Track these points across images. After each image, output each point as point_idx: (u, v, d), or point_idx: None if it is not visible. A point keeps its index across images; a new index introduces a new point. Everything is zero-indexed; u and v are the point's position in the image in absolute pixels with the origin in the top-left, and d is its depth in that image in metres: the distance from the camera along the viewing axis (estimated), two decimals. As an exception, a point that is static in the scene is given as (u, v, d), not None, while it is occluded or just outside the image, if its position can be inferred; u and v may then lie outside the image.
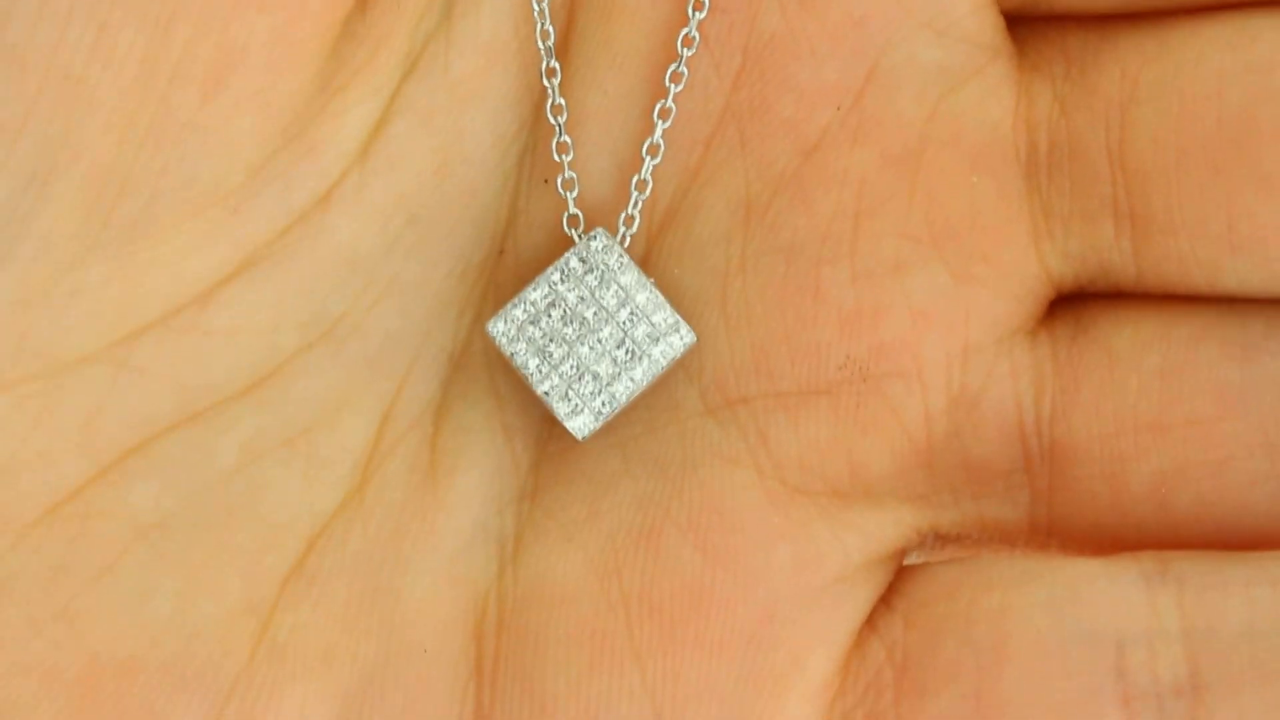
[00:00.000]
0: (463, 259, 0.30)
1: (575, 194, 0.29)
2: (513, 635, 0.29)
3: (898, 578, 0.29)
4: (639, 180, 0.29)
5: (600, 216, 0.30)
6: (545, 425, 0.30)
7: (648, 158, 0.29)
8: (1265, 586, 0.27)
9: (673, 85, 0.29)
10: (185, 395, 0.28)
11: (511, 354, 0.29)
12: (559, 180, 0.29)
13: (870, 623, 0.29)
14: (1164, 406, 0.28)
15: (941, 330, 0.29)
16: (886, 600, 0.29)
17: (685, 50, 0.29)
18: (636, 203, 0.29)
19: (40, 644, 0.27)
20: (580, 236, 0.29)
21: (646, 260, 0.30)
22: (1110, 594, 0.27)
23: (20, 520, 0.27)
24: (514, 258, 0.30)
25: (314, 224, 0.28)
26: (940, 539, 0.30)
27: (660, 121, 0.29)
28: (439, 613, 0.29)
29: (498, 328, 0.29)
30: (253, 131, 0.27)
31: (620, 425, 0.30)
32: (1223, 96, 0.27)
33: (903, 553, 0.29)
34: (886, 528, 0.29)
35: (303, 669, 0.28)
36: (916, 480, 0.29)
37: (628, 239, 0.29)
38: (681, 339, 0.29)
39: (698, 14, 0.29)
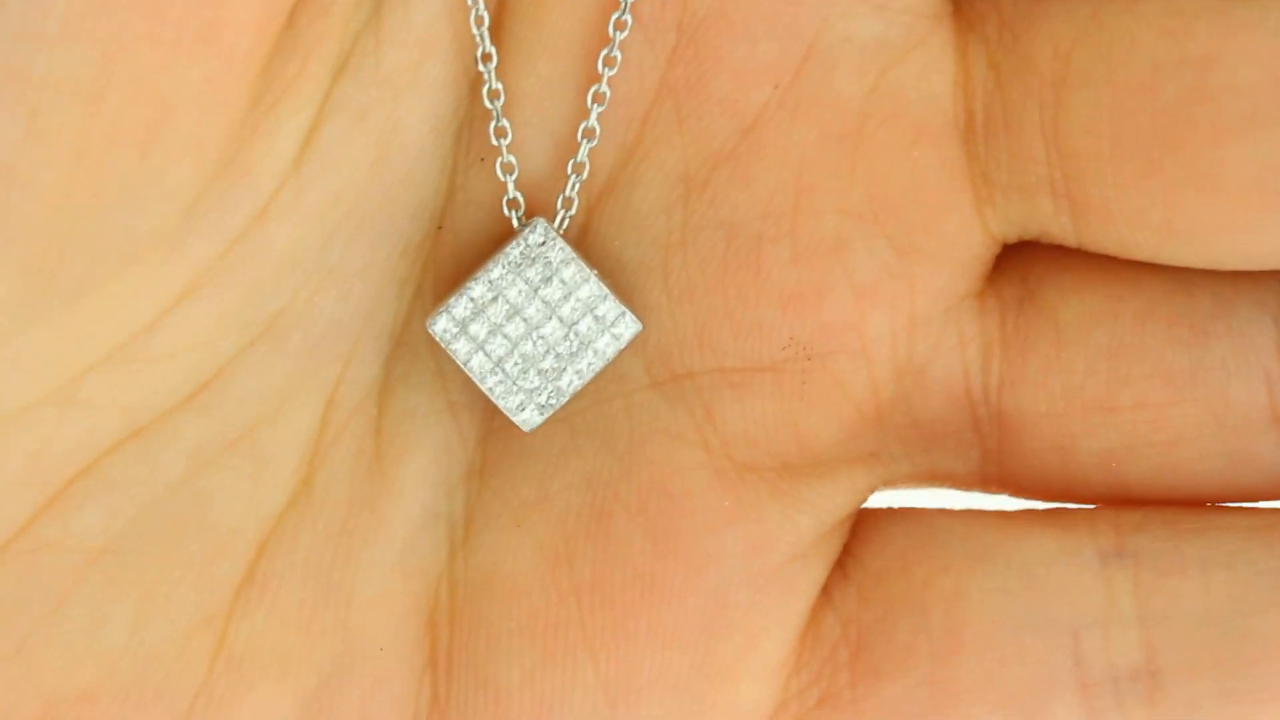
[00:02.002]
0: (402, 239, 0.29)
1: (514, 177, 0.29)
2: (465, 626, 0.29)
3: (853, 538, 0.30)
4: (575, 164, 0.29)
5: (539, 198, 0.29)
6: (490, 401, 0.30)
7: (584, 141, 0.29)
8: (1220, 569, 0.27)
9: (606, 69, 0.28)
10: (129, 416, 0.28)
11: (453, 351, 0.29)
12: (498, 164, 0.29)
13: (825, 593, 0.29)
14: (1111, 389, 0.28)
15: (886, 307, 0.29)
16: (842, 566, 0.29)
17: (618, 34, 0.28)
18: (574, 186, 0.29)
19: None
20: (519, 221, 0.29)
21: (586, 231, 0.29)
22: (1066, 577, 0.28)
23: None
24: (452, 235, 0.29)
25: (253, 240, 0.28)
26: (892, 483, 0.30)
27: (595, 105, 0.28)
28: (392, 607, 0.29)
29: (438, 325, 0.29)
30: (188, 176, 0.26)
31: (567, 401, 0.29)
32: (1157, 91, 0.27)
33: (856, 513, 0.30)
34: (838, 496, 0.29)
35: (260, 677, 0.28)
36: (865, 440, 0.29)
37: (566, 221, 0.29)
38: (627, 328, 0.29)
39: None
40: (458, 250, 0.29)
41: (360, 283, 0.29)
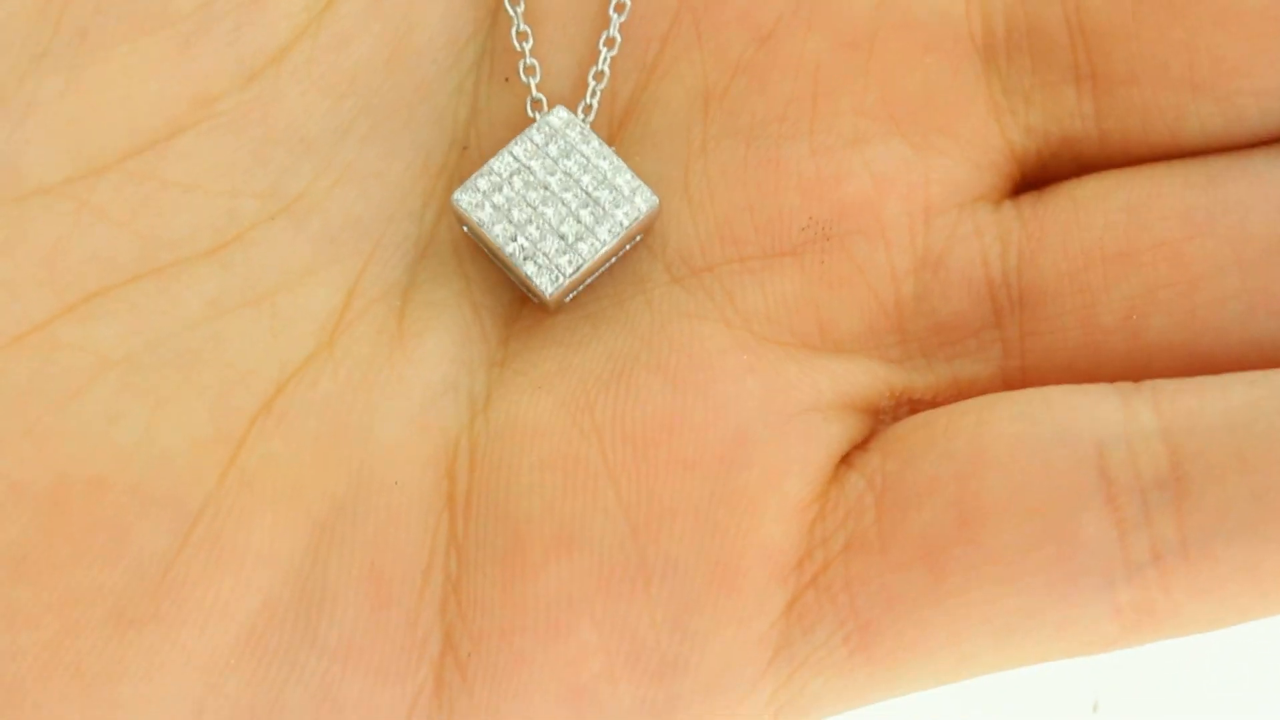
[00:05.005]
0: (422, 151, 0.30)
1: (537, 80, 0.31)
2: (485, 468, 0.28)
3: (873, 434, 0.29)
4: (596, 71, 0.31)
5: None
6: (514, 306, 0.30)
7: (604, 50, 0.31)
8: (1240, 386, 0.27)
9: None
10: (147, 246, 0.29)
11: (478, 220, 0.30)
12: (520, 66, 0.31)
13: (847, 461, 0.29)
14: (1131, 235, 0.28)
15: (903, 192, 0.29)
16: (863, 446, 0.29)
17: None
18: (594, 92, 0.31)
19: (7, 459, 0.27)
20: (542, 115, 0.30)
21: None
22: (1085, 402, 0.28)
23: None
24: (478, 153, 0.31)
25: (265, 89, 0.29)
26: (914, 403, 0.30)
27: (616, 15, 0.31)
28: (409, 452, 0.28)
29: (463, 197, 0.30)
30: None
31: (588, 300, 0.30)
32: None
33: (876, 410, 0.29)
34: (857, 374, 0.29)
35: (272, 497, 0.28)
36: (888, 344, 0.29)
37: (587, 125, 0.31)
38: (646, 201, 0.30)
39: None
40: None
41: (380, 186, 0.30)
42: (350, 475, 0.28)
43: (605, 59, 0.31)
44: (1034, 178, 0.30)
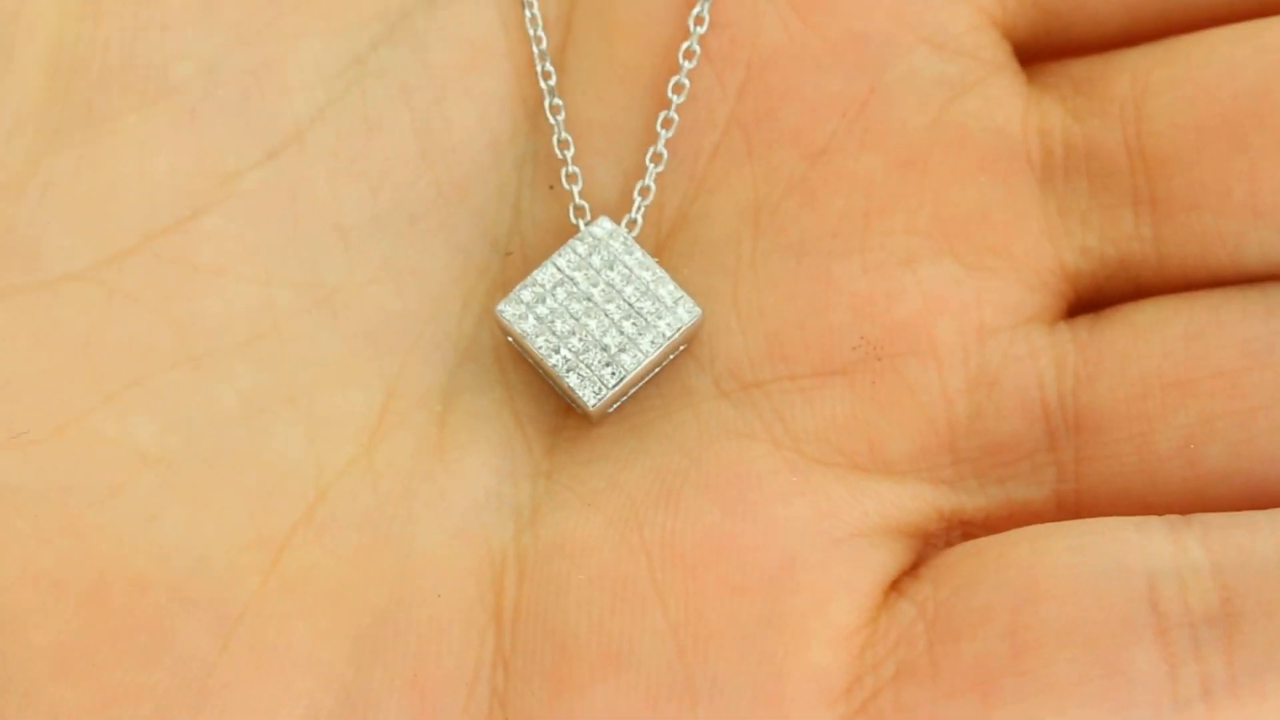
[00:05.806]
0: (461, 252, 0.30)
1: (579, 187, 0.30)
2: (534, 583, 0.28)
3: (922, 559, 0.29)
4: (642, 186, 0.30)
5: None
6: (559, 416, 0.30)
7: (651, 165, 0.30)
8: None
9: (675, 96, 0.30)
10: (182, 334, 0.28)
11: (521, 331, 0.29)
12: (563, 174, 0.30)
13: (897, 588, 0.28)
14: (1190, 364, 0.28)
15: (955, 313, 0.29)
16: (913, 573, 0.29)
17: (686, 63, 0.30)
18: (639, 207, 0.30)
19: (48, 556, 0.27)
20: (585, 225, 0.30)
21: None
22: (1137, 537, 0.27)
23: (28, 435, 0.27)
24: (522, 259, 0.31)
25: (289, 168, 0.29)
26: (964, 525, 0.29)
27: (663, 131, 0.30)
28: (454, 564, 0.28)
29: (507, 309, 0.29)
30: (192, 21, 0.29)
31: (633, 412, 0.30)
32: (1237, 77, 0.29)
33: (925, 534, 0.29)
34: (905, 499, 0.29)
35: (313, 605, 0.27)
36: (940, 464, 0.29)
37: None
38: (688, 312, 0.29)
39: (698, 28, 0.31)
40: (527, 274, 0.31)
41: (418, 285, 0.30)
42: (392, 586, 0.28)
43: (651, 174, 0.30)
44: (1089, 299, 0.30)
